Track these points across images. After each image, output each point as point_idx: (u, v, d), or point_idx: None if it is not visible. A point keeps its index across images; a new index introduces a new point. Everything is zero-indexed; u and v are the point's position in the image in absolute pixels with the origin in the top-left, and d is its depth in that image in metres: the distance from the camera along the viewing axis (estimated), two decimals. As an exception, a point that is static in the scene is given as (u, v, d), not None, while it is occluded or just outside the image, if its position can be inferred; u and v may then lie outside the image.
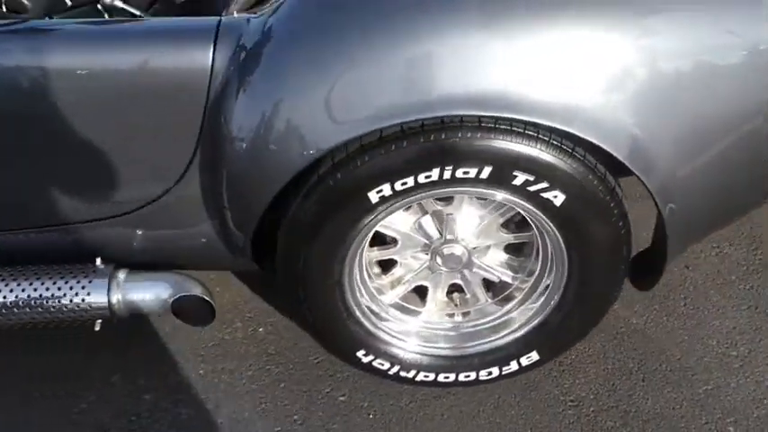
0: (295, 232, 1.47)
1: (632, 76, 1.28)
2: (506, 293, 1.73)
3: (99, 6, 1.56)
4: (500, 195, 1.41)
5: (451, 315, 1.77)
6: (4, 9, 1.43)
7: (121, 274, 1.60)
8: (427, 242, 1.62)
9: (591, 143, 1.31)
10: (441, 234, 1.60)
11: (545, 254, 1.61)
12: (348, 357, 1.71)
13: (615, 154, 1.32)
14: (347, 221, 1.44)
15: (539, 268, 1.64)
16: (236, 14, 1.47)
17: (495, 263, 1.70)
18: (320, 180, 1.38)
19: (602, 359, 1.80)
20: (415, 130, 1.32)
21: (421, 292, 1.76)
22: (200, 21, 1.43)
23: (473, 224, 1.60)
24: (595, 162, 1.36)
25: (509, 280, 1.70)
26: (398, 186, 1.37)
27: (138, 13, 1.56)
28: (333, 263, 1.51)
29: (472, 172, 1.35)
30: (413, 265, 1.68)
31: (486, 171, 1.35)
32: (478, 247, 1.64)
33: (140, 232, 1.60)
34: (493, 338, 1.70)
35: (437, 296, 1.74)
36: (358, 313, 1.62)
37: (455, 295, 1.78)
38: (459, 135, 1.31)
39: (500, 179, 1.36)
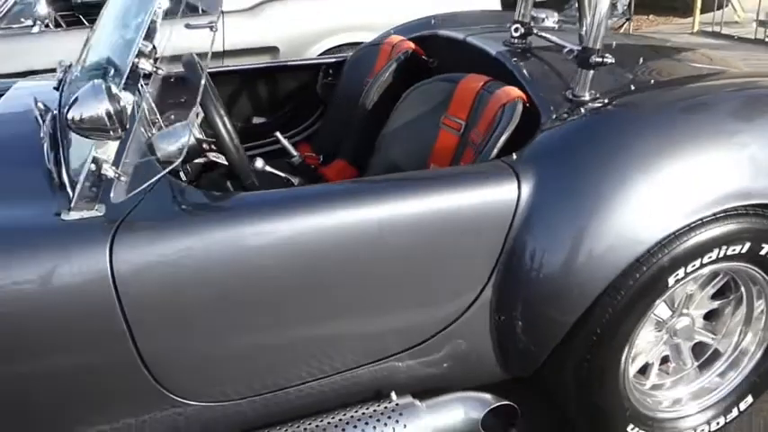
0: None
1: None
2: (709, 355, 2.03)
3: None
4: (741, 265, 1.76)
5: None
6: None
7: (423, 404, 1.70)
8: (660, 319, 1.90)
9: None
10: (673, 311, 1.89)
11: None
12: None
13: None
14: (643, 311, 1.70)
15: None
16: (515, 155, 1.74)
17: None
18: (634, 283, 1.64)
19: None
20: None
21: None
22: (500, 163, 1.68)
23: (697, 296, 1.91)
24: None
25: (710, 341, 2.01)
26: (689, 268, 1.67)
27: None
28: (624, 355, 1.75)
29: (738, 249, 1.69)
30: (651, 343, 1.93)
31: (746, 246, 1.69)
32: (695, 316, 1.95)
33: (429, 359, 1.73)
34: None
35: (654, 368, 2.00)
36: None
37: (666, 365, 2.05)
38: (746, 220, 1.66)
39: (752, 251, 1.71)
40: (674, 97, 1.90)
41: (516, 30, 2.22)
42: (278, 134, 2.55)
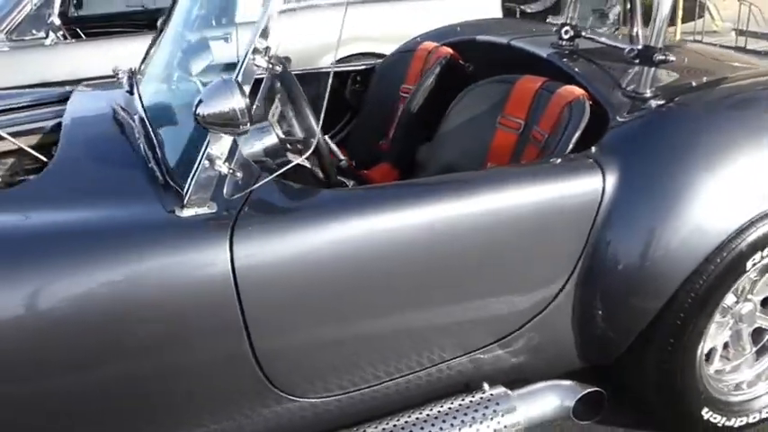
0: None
1: None
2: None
3: None
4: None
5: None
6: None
7: (515, 393, 1.74)
8: (726, 305, 1.96)
9: None
10: (738, 297, 1.96)
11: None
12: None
13: None
14: (721, 296, 1.77)
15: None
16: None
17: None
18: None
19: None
20: None
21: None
22: (584, 157, 1.74)
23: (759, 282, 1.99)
24: None
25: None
26: (765, 252, 1.74)
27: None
28: (702, 340, 1.82)
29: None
30: (716, 329, 1.99)
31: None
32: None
33: (516, 350, 1.77)
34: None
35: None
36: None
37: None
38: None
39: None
40: (728, 93, 1.99)
41: (566, 32, 2.29)
42: (327, 138, 2.58)
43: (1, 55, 3.70)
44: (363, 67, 3.07)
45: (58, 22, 3.73)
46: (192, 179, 1.43)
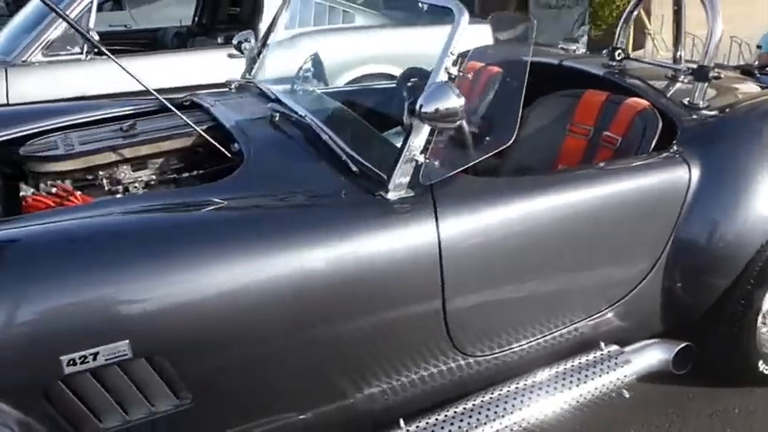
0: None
1: None
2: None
3: None
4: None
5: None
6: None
7: (628, 349, 2.09)
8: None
9: None
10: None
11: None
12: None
13: None
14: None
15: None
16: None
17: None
18: None
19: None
20: None
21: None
22: (671, 153, 2.12)
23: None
24: None
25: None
26: None
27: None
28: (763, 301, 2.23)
29: None
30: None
31: None
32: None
33: (623, 314, 2.13)
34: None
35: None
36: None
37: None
38: None
39: None
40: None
41: (619, 54, 2.71)
42: None
43: (38, 70, 3.78)
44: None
45: (96, 38, 3.84)
46: (397, 168, 1.71)
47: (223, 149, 1.97)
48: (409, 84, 2.40)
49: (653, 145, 2.25)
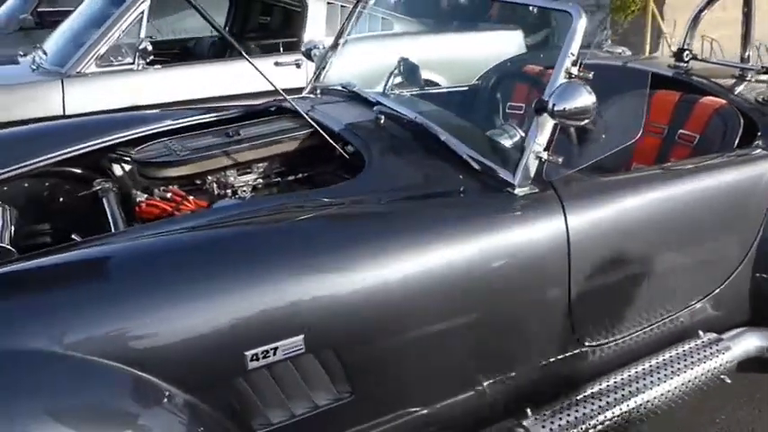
0: None
1: None
2: None
3: None
4: None
5: None
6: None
7: (726, 336, 2.16)
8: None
9: None
10: None
11: None
12: None
13: None
14: None
15: None
16: None
17: None
18: None
19: None
20: None
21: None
22: (758, 149, 2.21)
23: None
24: None
25: None
26: None
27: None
28: None
29: None
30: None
31: None
32: None
33: (715, 303, 2.20)
34: None
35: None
36: None
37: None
38: None
39: None
40: None
41: (687, 55, 2.80)
42: None
43: (93, 80, 3.82)
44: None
45: (150, 48, 3.90)
46: (522, 164, 1.78)
47: (343, 152, 2.03)
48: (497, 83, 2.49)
49: (736, 141, 2.34)
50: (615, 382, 1.96)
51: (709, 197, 2.12)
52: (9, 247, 1.83)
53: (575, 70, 1.82)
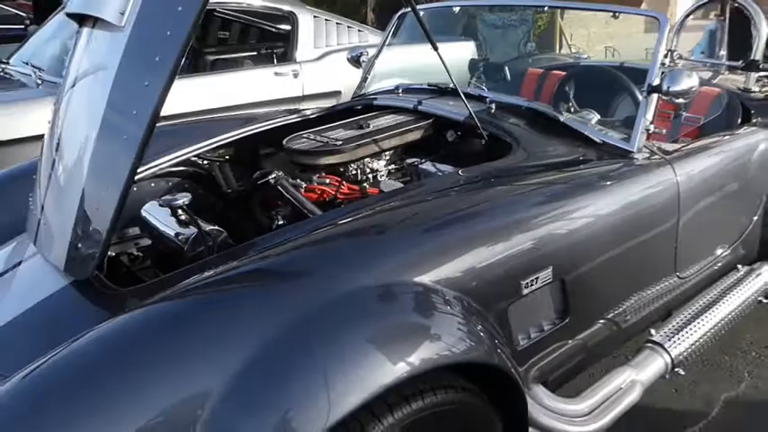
0: None
1: None
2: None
3: None
4: None
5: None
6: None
7: (756, 266, 2.79)
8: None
9: None
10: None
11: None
12: None
13: None
14: None
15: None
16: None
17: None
18: None
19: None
20: None
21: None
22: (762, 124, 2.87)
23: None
24: None
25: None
26: None
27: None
28: None
29: None
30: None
31: None
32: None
33: (744, 245, 2.82)
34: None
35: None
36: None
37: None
38: None
39: None
40: None
41: (676, 55, 3.47)
42: None
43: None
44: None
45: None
46: (637, 135, 2.29)
47: (483, 136, 2.43)
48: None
49: (739, 119, 3.00)
50: (700, 305, 2.50)
51: (745, 161, 2.74)
52: (219, 228, 2.05)
53: (666, 61, 2.35)
